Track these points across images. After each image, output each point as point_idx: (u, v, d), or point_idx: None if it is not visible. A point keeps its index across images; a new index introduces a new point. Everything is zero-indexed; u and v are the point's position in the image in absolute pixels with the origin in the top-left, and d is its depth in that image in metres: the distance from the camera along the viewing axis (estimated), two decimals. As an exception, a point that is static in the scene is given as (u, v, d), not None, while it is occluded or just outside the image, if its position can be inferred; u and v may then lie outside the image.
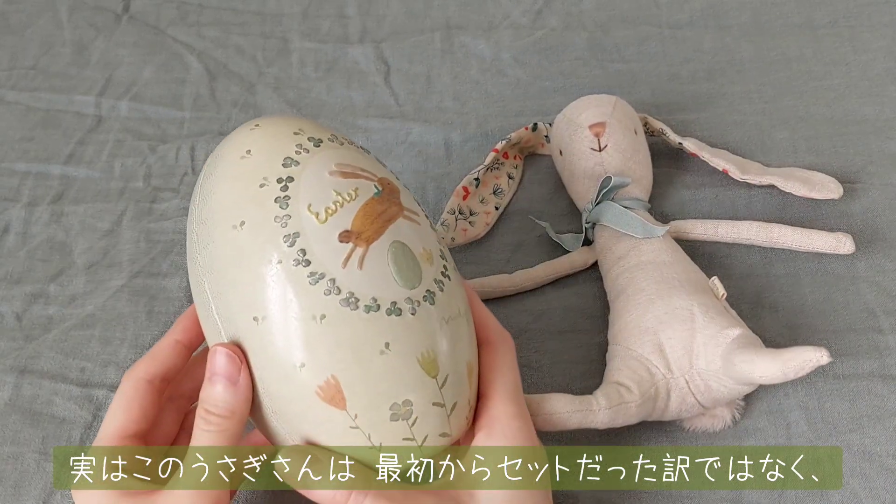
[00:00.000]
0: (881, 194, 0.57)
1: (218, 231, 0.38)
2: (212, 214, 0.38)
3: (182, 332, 0.43)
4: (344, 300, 0.36)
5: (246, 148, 0.39)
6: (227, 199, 0.38)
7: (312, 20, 0.73)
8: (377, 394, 0.36)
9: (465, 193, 0.57)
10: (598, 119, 0.54)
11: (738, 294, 0.53)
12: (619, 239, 0.51)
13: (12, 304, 0.56)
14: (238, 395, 0.38)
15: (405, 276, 0.37)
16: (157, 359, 0.42)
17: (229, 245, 0.38)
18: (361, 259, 0.36)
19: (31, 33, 0.74)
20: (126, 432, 0.40)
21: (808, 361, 0.40)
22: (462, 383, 0.39)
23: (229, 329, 0.38)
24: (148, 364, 0.41)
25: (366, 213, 0.37)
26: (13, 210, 0.61)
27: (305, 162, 0.38)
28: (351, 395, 0.36)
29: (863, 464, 0.46)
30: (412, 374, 0.37)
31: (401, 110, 0.66)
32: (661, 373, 0.45)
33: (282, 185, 0.37)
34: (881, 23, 0.68)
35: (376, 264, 0.37)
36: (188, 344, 0.43)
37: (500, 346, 0.42)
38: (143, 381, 0.41)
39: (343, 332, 0.36)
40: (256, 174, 0.38)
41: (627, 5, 0.72)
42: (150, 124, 0.66)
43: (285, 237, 0.36)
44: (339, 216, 0.37)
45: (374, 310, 0.36)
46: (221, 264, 0.38)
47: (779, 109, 0.63)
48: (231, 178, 0.38)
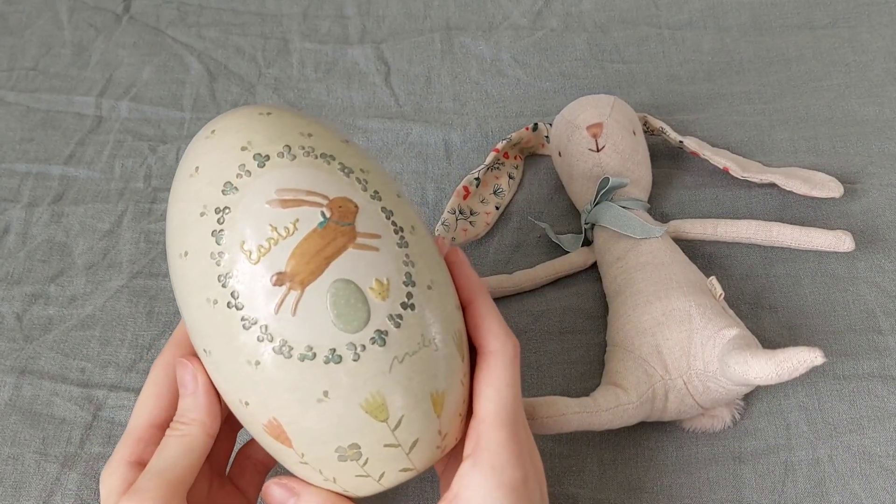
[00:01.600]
0: (881, 195, 0.57)
1: (170, 255, 0.37)
2: (167, 236, 0.38)
3: None
4: (277, 348, 0.34)
5: (195, 164, 0.37)
6: (175, 223, 0.37)
7: (312, 21, 0.73)
8: (319, 438, 0.35)
9: (465, 193, 0.57)
10: (596, 120, 0.54)
11: (738, 294, 0.53)
12: (618, 239, 0.51)
13: (12, 304, 0.56)
14: (196, 402, 0.38)
15: (346, 319, 0.34)
16: (183, 343, 0.40)
17: (176, 273, 0.37)
18: (295, 304, 0.34)
19: (31, 34, 0.74)
20: (157, 420, 0.39)
21: (802, 362, 0.40)
22: (427, 417, 0.36)
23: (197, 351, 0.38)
24: (175, 349, 0.40)
25: (303, 251, 0.34)
26: (13, 210, 0.61)
27: (244, 188, 0.35)
28: (294, 437, 0.35)
29: (862, 464, 0.46)
30: (355, 420, 0.34)
31: (401, 111, 0.66)
32: (659, 374, 0.45)
33: (219, 215, 0.35)
34: (881, 23, 0.68)
35: (313, 309, 0.34)
36: None
37: (498, 357, 0.38)
38: (171, 366, 0.40)
39: (279, 378, 0.34)
40: (199, 200, 0.36)
41: (627, 6, 0.72)
42: (150, 125, 0.66)
43: (219, 276, 0.34)
44: (272, 255, 0.34)
45: (308, 358, 0.34)
46: (175, 289, 0.37)
47: (778, 110, 0.63)
48: (179, 199, 0.37)
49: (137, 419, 0.39)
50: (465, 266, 0.40)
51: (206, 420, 0.38)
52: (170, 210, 0.37)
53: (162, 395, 0.39)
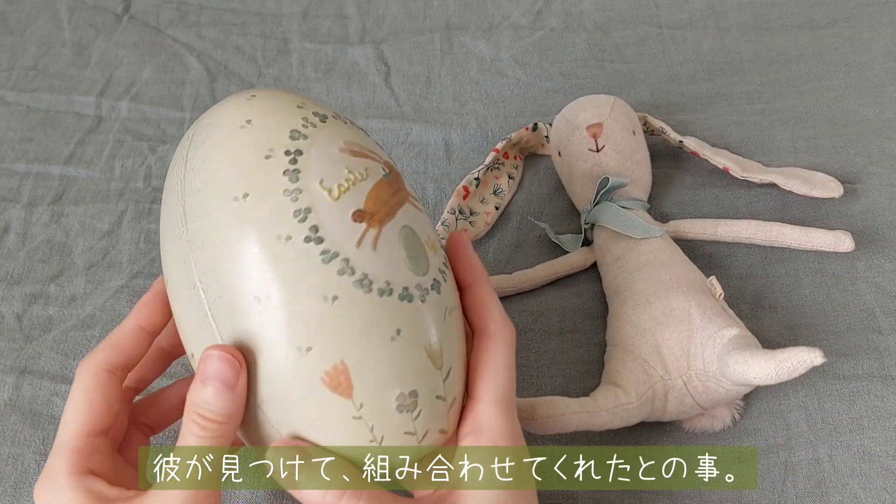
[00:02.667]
0: (881, 195, 0.57)
1: (214, 203, 0.35)
2: (206, 186, 0.35)
3: (146, 316, 0.39)
4: (357, 281, 0.34)
5: (245, 118, 0.36)
6: (226, 169, 0.35)
7: (312, 21, 0.73)
8: (386, 382, 0.35)
9: (465, 193, 0.57)
10: (596, 120, 0.54)
11: (738, 294, 0.53)
12: (618, 239, 0.51)
13: (12, 304, 0.56)
14: (235, 401, 0.35)
15: (416, 261, 0.36)
16: (118, 348, 0.38)
17: (228, 218, 0.35)
18: (375, 240, 0.35)
19: (31, 34, 0.74)
20: (93, 429, 0.37)
21: (802, 362, 0.40)
22: (461, 379, 0.38)
23: (219, 310, 0.35)
24: (108, 353, 0.38)
25: (378, 194, 0.36)
26: (13, 210, 0.61)
27: (313, 136, 0.36)
28: (359, 382, 0.34)
29: (862, 464, 0.46)
30: (420, 363, 0.35)
31: (401, 111, 0.66)
32: (659, 374, 0.45)
33: (290, 157, 0.35)
34: (881, 23, 0.68)
35: (388, 247, 0.35)
36: (151, 330, 0.40)
37: (497, 340, 0.38)
38: (103, 373, 0.38)
39: (355, 314, 0.34)
40: (260, 145, 0.35)
41: (627, 6, 0.72)
42: (149, 125, 0.66)
43: (296, 212, 0.34)
44: (351, 194, 0.35)
45: (387, 294, 0.34)
46: (217, 239, 0.35)
47: (779, 110, 0.63)
48: (230, 148, 0.36)
49: (70, 429, 0.37)
50: (468, 249, 0.40)
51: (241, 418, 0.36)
52: (214, 158, 0.36)
53: (94, 402, 0.37)
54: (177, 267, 0.37)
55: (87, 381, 0.38)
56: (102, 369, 0.38)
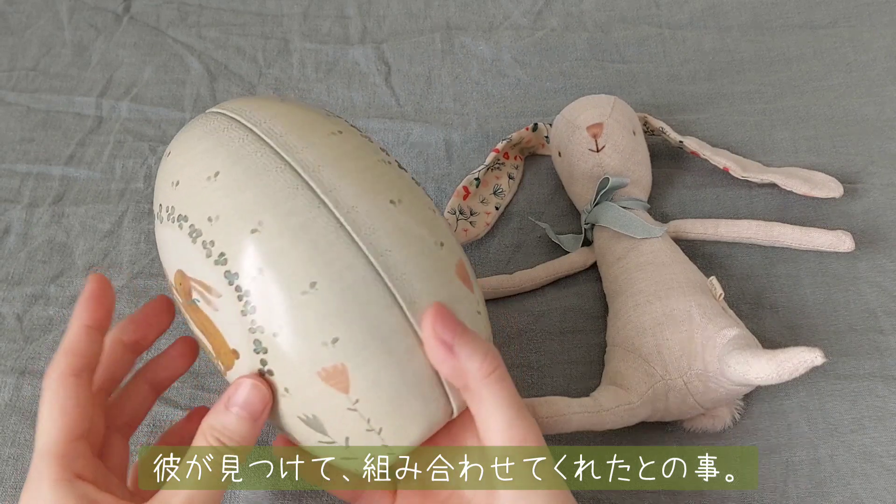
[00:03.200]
0: (882, 195, 0.57)
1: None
2: None
3: (89, 315, 0.39)
4: None
5: None
6: None
7: (313, 21, 0.73)
8: None
9: (465, 193, 0.57)
10: (596, 120, 0.54)
11: (739, 294, 0.53)
12: (618, 239, 0.51)
13: (13, 305, 0.56)
14: (256, 430, 0.36)
15: None
16: (74, 351, 0.38)
17: None
18: None
19: (32, 34, 0.74)
20: (72, 434, 0.37)
21: (803, 362, 0.40)
22: None
23: None
24: (68, 359, 0.38)
25: None
26: (14, 211, 0.61)
27: None
28: None
29: (863, 464, 0.46)
30: None
31: (401, 111, 0.66)
32: (659, 374, 0.45)
33: None
34: (881, 23, 0.68)
35: None
36: (98, 326, 0.40)
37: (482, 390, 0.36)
38: (69, 378, 0.38)
39: None
40: None
41: (627, 5, 0.72)
42: (150, 125, 0.66)
43: None
44: None
45: None
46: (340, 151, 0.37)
47: (779, 109, 0.63)
48: None
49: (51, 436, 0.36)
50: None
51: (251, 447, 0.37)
52: None
53: (67, 408, 0.37)
54: None
55: (55, 388, 0.37)
56: (67, 374, 0.38)
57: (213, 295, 0.36)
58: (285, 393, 0.35)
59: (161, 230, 0.39)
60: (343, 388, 0.35)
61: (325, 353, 0.34)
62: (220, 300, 0.35)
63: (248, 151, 0.37)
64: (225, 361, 0.37)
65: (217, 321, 0.36)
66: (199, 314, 0.37)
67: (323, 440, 0.36)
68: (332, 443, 0.36)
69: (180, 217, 0.37)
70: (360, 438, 0.36)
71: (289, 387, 0.35)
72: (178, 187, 0.37)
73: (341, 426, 0.36)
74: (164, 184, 0.38)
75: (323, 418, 0.35)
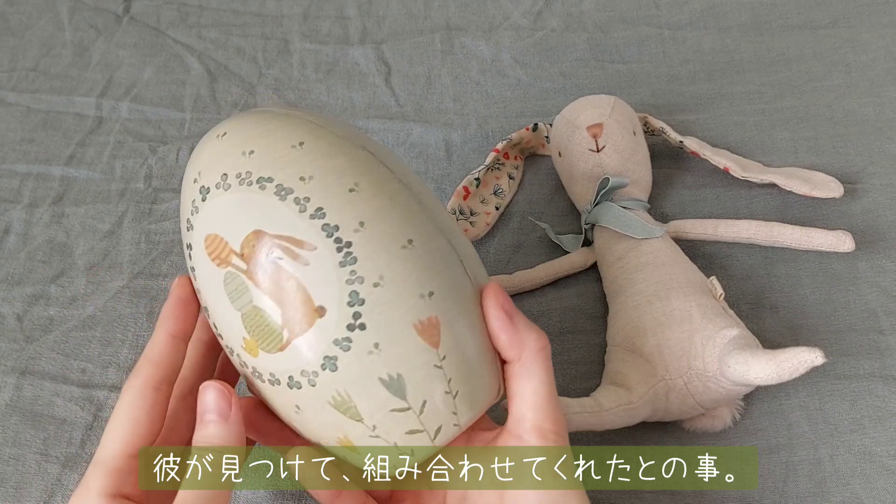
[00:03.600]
0: (881, 195, 0.57)
1: None
2: None
3: (174, 323, 0.39)
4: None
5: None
6: None
7: (313, 21, 0.73)
8: None
9: (465, 193, 0.57)
10: (596, 120, 0.54)
11: (739, 294, 0.53)
12: (619, 240, 0.51)
13: (13, 305, 0.56)
14: (231, 430, 0.36)
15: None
16: (159, 362, 0.38)
17: None
18: None
19: (32, 34, 0.74)
20: (133, 450, 0.36)
21: (803, 362, 0.40)
22: None
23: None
24: (150, 370, 0.38)
25: None
26: (14, 211, 0.61)
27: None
28: None
29: (863, 464, 0.46)
30: None
31: (401, 111, 0.66)
32: (660, 374, 0.45)
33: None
34: (881, 23, 0.68)
35: None
36: (182, 336, 0.40)
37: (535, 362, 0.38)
38: (150, 389, 0.37)
39: None
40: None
41: (627, 6, 0.72)
42: (150, 125, 0.66)
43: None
44: None
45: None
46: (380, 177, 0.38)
47: (779, 110, 0.63)
48: None
49: (111, 447, 0.36)
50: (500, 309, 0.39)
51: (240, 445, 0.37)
52: None
53: (139, 421, 0.37)
54: None
55: (132, 398, 0.37)
56: (148, 386, 0.37)
57: (306, 249, 0.36)
58: (373, 350, 0.35)
59: (224, 197, 0.37)
60: (434, 343, 0.36)
61: (421, 305, 0.36)
62: (312, 254, 0.36)
63: (323, 132, 0.38)
64: (299, 325, 0.36)
65: (304, 276, 0.36)
66: (279, 273, 0.36)
67: (397, 407, 0.36)
68: (406, 409, 0.36)
69: (261, 179, 0.37)
70: (437, 402, 0.36)
71: (380, 341, 0.35)
72: (254, 155, 0.37)
73: (424, 386, 0.36)
74: (229, 155, 0.38)
75: (408, 377, 0.36)
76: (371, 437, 0.36)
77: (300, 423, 0.37)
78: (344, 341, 0.35)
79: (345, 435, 0.37)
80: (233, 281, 0.37)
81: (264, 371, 0.37)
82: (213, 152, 0.38)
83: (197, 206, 0.38)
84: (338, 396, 0.36)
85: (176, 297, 0.40)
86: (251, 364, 0.37)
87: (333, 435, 0.37)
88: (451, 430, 0.37)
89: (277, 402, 0.37)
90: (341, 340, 0.35)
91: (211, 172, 0.38)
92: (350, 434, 0.36)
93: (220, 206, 0.37)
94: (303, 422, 0.37)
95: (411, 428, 0.36)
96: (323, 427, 0.37)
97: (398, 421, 0.36)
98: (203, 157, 0.39)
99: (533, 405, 0.37)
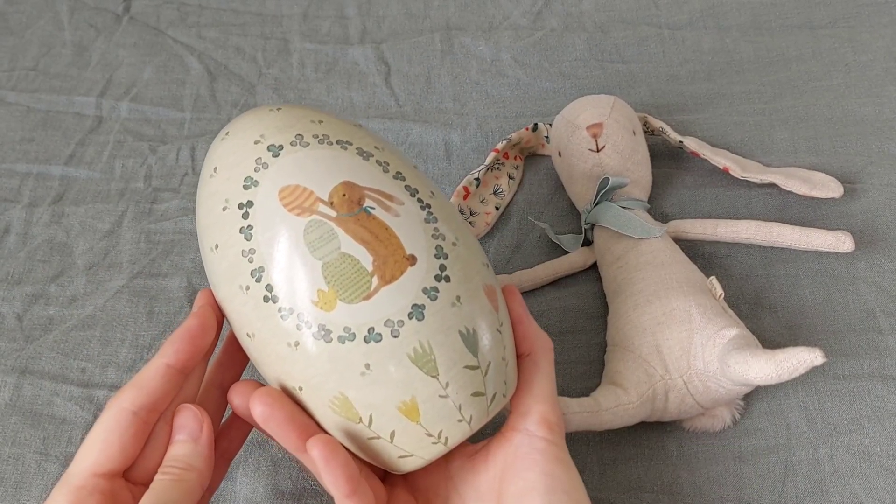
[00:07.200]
0: (881, 195, 0.57)
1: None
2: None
3: (174, 354, 0.38)
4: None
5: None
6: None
7: (312, 21, 0.73)
8: None
9: (465, 193, 0.57)
10: (596, 120, 0.54)
11: (738, 294, 0.53)
12: (618, 239, 0.51)
13: (13, 304, 0.56)
14: (198, 450, 0.37)
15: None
16: (145, 388, 0.38)
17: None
18: None
19: (32, 34, 0.74)
20: (99, 470, 0.36)
21: (802, 362, 0.40)
22: None
23: None
24: (134, 394, 0.37)
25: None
26: (14, 211, 0.61)
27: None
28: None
29: (862, 464, 0.46)
30: None
31: (401, 111, 0.66)
32: (659, 374, 0.45)
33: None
34: (881, 23, 0.68)
35: None
36: (180, 368, 0.39)
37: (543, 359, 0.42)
38: (127, 413, 0.37)
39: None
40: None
41: (627, 6, 0.72)
42: (150, 125, 0.66)
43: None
44: None
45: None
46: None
47: (778, 110, 0.63)
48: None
49: (79, 465, 0.37)
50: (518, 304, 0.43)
51: (204, 470, 0.37)
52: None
53: (111, 442, 0.36)
54: None
55: (107, 419, 0.37)
56: (126, 409, 0.37)
57: (396, 202, 0.38)
58: (456, 302, 0.37)
59: (305, 152, 0.38)
60: (496, 307, 0.39)
61: (484, 272, 0.39)
62: (402, 207, 0.38)
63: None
64: (391, 271, 0.36)
65: (396, 227, 0.37)
66: (371, 221, 0.37)
67: (469, 363, 0.37)
68: (476, 367, 0.37)
69: (340, 142, 0.39)
70: (495, 368, 0.38)
71: (461, 295, 0.37)
72: (324, 124, 0.40)
73: (490, 346, 0.38)
74: (299, 120, 0.40)
75: (480, 333, 0.37)
76: (441, 396, 0.36)
77: (362, 386, 0.36)
78: (432, 290, 0.36)
79: (412, 397, 0.36)
80: (317, 229, 0.36)
81: (337, 326, 0.36)
82: (275, 119, 0.40)
83: (265, 161, 0.38)
84: (419, 348, 0.36)
85: (185, 328, 0.39)
86: (318, 321, 0.36)
87: (399, 397, 0.36)
88: (500, 402, 0.38)
89: (341, 364, 0.36)
90: (429, 290, 0.36)
91: (280, 134, 0.39)
92: (419, 394, 0.36)
93: (301, 160, 0.38)
94: (366, 384, 0.36)
95: (476, 389, 0.37)
96: (391, 387, 0.36)
97: (468, 380, 0.36)
98: (264, 124, 0.39)
99: (540, 399, 0.40)
